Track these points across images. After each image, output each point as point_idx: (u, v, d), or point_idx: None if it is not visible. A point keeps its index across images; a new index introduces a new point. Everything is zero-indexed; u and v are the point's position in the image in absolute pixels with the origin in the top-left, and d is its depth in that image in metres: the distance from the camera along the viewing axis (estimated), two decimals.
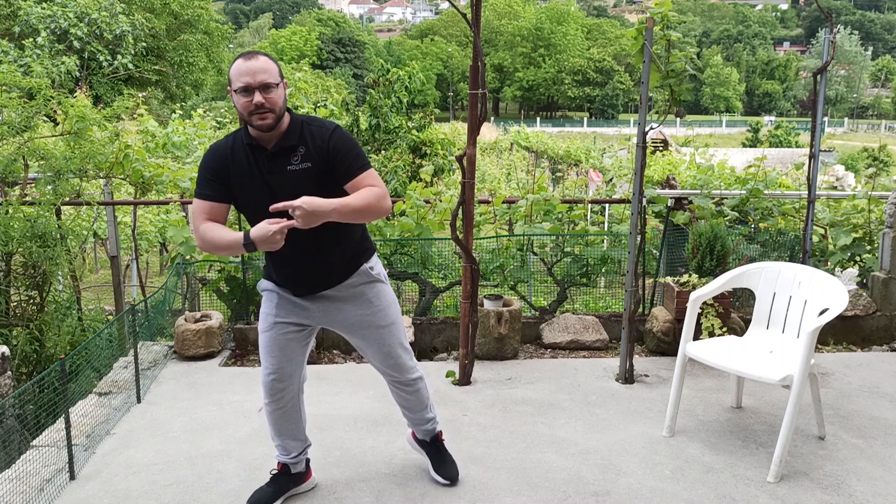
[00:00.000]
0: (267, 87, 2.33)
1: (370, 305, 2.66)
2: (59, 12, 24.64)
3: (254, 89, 2.31)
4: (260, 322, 2.70)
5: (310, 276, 2.59)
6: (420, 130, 9.23)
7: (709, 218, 5.27)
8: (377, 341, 2.71)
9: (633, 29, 3.85)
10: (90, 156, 5.46)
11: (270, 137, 2.43)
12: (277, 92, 2.35)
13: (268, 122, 2.35)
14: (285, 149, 2.42)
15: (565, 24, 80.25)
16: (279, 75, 2.39)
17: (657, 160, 13.35)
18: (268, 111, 2.34)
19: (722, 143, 38.93)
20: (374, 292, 2.67)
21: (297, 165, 2.42)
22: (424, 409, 2.91)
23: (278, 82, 2.36)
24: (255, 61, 2.34)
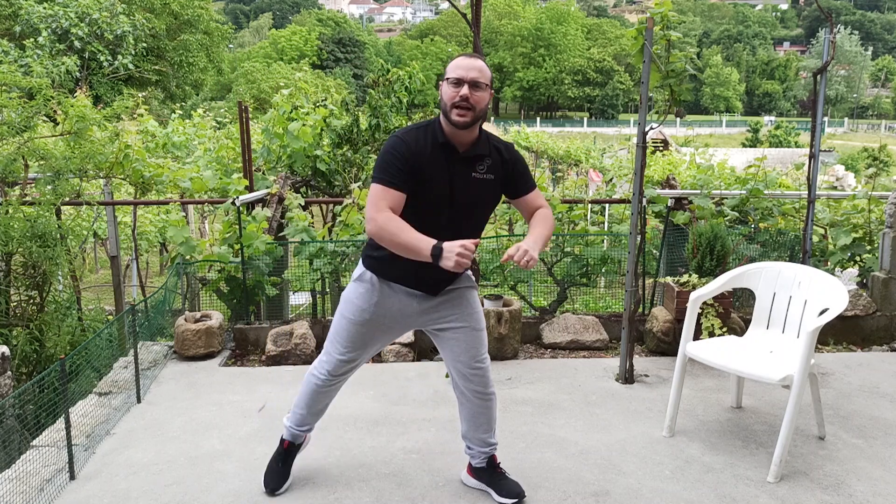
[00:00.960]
0: (476, 84, 2.40)
1: (470, 307, 2.71)
2: (60, 12, 24.65)
3: (464, 83, 2.38)
4: (348, 308, 2.66)
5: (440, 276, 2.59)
6: None
7: (709, 218, 5.27)
8: (472, 344, 2.70)
9: (633, 29, 3.85)
10: (90, 156, 5.46)
11: (464, 141, 2.48)
12: (483, 94, 2.42)
13: (465, 119, 2.40)
14: (476, 156, 2.50)
15: (565, 24, 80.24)
16: (490, 83, 2.47)
17: (657, 160, 13.35)
18: (469, 108, 2.40)
19: (722, 143, 38.95)
20: (472, 295, 2.74)
21: (482, 175, 2.50)
22: (491, 431, 2.85)
23: (487, 85, 2.44)
24: (475, 61, 2.44)
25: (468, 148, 2.49)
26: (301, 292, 5.89)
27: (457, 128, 2.43)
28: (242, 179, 5.87)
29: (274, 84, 37.00)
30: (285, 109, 7.94)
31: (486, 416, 2.80)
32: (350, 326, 2.68)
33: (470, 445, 2.88)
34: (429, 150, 2.46)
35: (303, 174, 8.02)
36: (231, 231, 5.25)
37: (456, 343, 2.70)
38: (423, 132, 2.50)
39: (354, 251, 5.19)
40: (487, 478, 2.88)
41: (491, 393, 2.78)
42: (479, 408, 2.78)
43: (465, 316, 2.69)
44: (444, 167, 2.47)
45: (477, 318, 2.72)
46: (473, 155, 2.50)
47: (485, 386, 2.75)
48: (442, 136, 2.47)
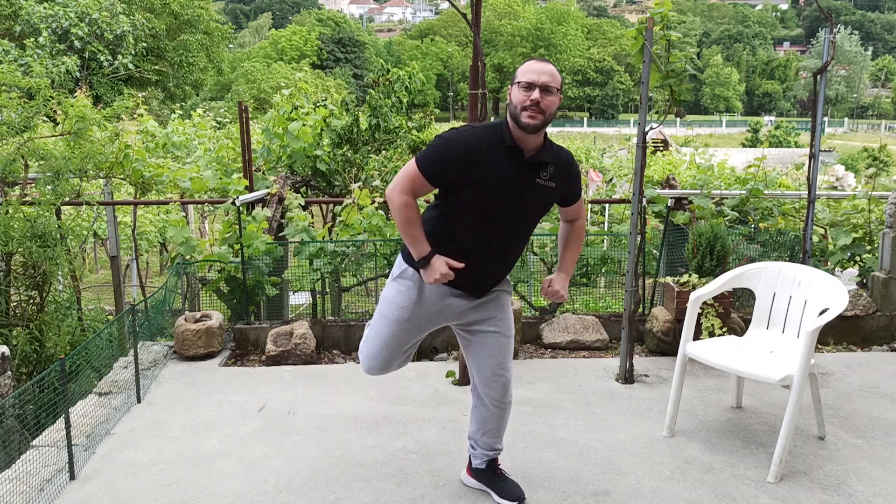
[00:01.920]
0: (547, 89, 2.40)
1: (503, 311, 2.70)
2: (60, 12, 24.66)
3: (536, 86, 2.38)
4: (388, 308, 2.65)
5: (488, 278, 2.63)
6: (420, 130, 9.23)
7: (709, 218, 5.27)
8: (500, 350, 2.68)
9: (633, 29, 3.85)
10: (90, 156, 5.46)
11: (530, 146, 2.47)
12: (553, 99, 2.42)
13: (535, 122, 2.39)
14: (541, 162, 2.49)
15: (565, 24, 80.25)
16: (560, 88, 2.47)
17: (657, 160, 13.35)
18: (539, 112, 2.39)
19: (722, 143, 38.94)
20: (506, 300, 2.73)
21: (545, 182, 2.50)
22: (499, 437, 2.85)
23: (558, 89, 2.44)
24: (547, 65, 2.44)
25: (534, 153, 2.48)
26: (301, 292, 5.90)
27: (526, 131, 2.41)
28: (242, 179, 5.87)
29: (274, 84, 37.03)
30: (285, 109, 7.94)
31: (498, 422, 2.79)
32: (390, 326, 2.65)
33: (474, 446, 2.87)
34: (493, 152, 2.44)
35: (303, 174, 8.03)
36: (231, 231, 5.25)
37: (484, 347, 2.68)
38: (489, 133, 2.47)
39: (354, 251, 5.19)
40: (487, 479, 2.88)
41: (508, 402, 2.76)
42: (493, 414, 2.76)
43: (499, 321, 2.68)
44: (508, 170, 2.45)
45: (509, 325, 2.71)
46: (538, 161, 2.49)
47: (503, 394, 2.73)
48: (510, 140, 2.44)
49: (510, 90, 2.46)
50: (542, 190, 2.51)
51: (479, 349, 2.68)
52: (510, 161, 2.44)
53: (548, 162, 2.49)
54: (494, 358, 2.67)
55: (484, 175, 2.41)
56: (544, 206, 2.58)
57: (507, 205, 2.45)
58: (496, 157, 2.43)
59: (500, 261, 2.61)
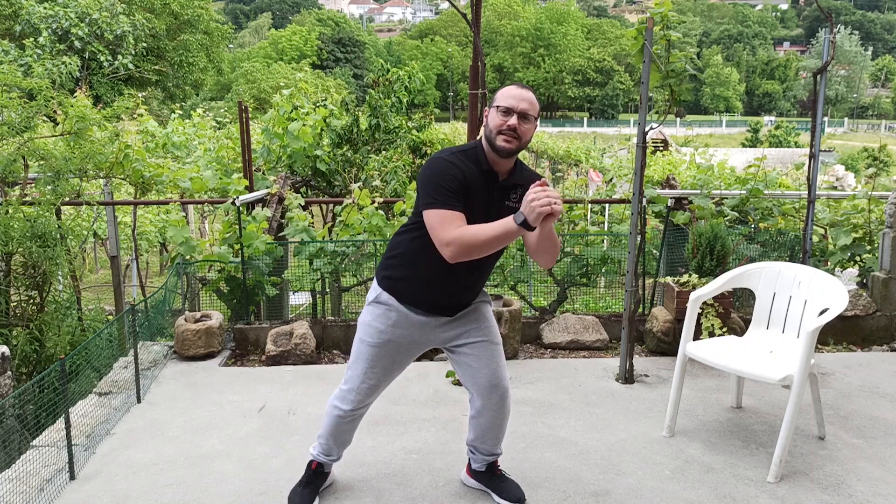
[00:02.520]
0: (525, 116, 2.40)
1: (486, 321, 2.69)
2: (60, 12, 24.66)
3: (514, 112, 2.38)
4: (366, 332, 2.62)
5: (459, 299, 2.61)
6: (420, 130, 9.24)
7: (709, 218, 5.27)
8: (490, 358, 2.66)
9: (633, 29, 3.85)
10: (90, 156, 5.46)
11: (503, 170, 2.48)
12: (529, 127, 2.42)
13: (510, 147, 2.39)
14: (511, 185, 2.50)
15: (565, 24, 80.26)
16: (537, 116, 2.47)
17: (657, 160, 13.34)
18: (515, 137, 2.39)
19: (722, 143, 38.95)
20: (487, 310, 2.73)
21: (514, 204, 2.50)
22: (499, 444, 2.84)
23: (536, 117, 2.44)
24: (526, 92, 2.44)
25: (507, 177, 2.49)
26: (301, 292, 5.90)
27: (500, 155, 2.41)
28: (242, 179, 5.87)
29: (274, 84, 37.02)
30: (285, 109, 7.94)
31: (497, 431, 2.78)
32: (370, 351, 2.62)
33: (473, 451, 2.87)
34: (473, 176, 2.44)
35: (303, 174, 8.03)
36: (231, 231, 5.25)
37: (473, 359, 2.66)
38: (468, 157, 2.45)
39: (354, 251, 5.19)
40: (487, 480, 2.88)
41: (507, 411, 2.74)
42: (492, 425, 2.74)
43: (482, 330, 2.66)
44: (485, 194, 2.46)
45: (494, 332, 2.70)
46: (511, 184, 2.50)
47: (502, 405, 2.70)
48: (486, 163, 2.45)
49: (486, 113, 2.46)
50: (510, 212, 2.44)
51: (470, 361, 2.66)
52: (487, 184, 2.47)
53: (518, 184, 2.50)
54: (488, 367, 2.64)
55: (471, 195, 2.42)
56: None
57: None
58: (475, 181, 2.44)
59: (470, 283, 2.60)
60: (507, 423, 2.80)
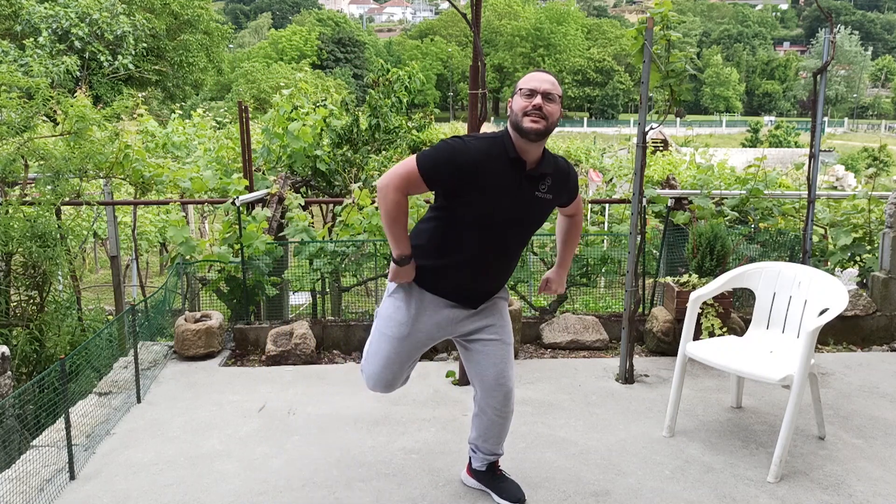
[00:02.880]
0: (549, 96, 2.40)
1: (502, 318, 2.69)
2: (60, 12, 24.66)
3: (537, 93, 2.39)
4: (386, 325, 2.63)
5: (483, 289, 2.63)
6: (420, 130, 9.24)
7: (709, 218, 5.27)
8: (500, 358, 2.66)
9: (633, 29, 3.85)
10: (90, 156, 5.46)
11: (532, 158, 2.45)
12: (554, 107, 2.41)
13: (538, 127, 2.37)
14: (542, 174, 2.49)
15: (565, 24, 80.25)
16: (561, 98, 2.47)
17: (657, 160, 13.35)
18: (542, 117, 2.38)
19: (722, 143, 38.93)
20: (504, 307, 2.72)
21: (544, 194, 2.51)
22: (501, 444, 2.84)
23: (559, 97, 2.44)
24: (547, 75, 2.47)
25: (535, 165, 2.47)
26: (301, 292, 5.90)
27: (528, 138, 2.38)
28: (242, 179, 5.87)
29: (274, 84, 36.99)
30: (285, 109, 7.94)
31: (499, 430, 2.77)
32: (390, 343, 2.62)
33: (475, 450, 2.87)
34: (497, 165, 2.41)
35: (303, 174, 8.03)
36: (231, 231, 5.25)
37: (484, 356, 2.65)
38: (493, 145, 2.44)
39: (354, 251, 5.19)
40: (487, 480, 2.88)
41: (510, 411, 2.73)
42: (494, 423, 2.73)
43: (498, 328, 2.66)
44: (510, 183, 2.43)
45: (508, 332, 2.70)
46: (541, 172, 2.48)
47: (505, 404, 2.69)
48: (513, 151, 2.42)
49: (510, 101, 2.45)
50: (540, 203, 2.51)
51: (480, 358, 2.66)
52: (512, 174, 2.43)
53: (547, 174, 2.49)
54: (496, 366, 2.64)
55: (487, 187, 2.39)
56: (541, 218, 2.58)
57: (508, 218, 2.46)
58: (499, 170, 2.41)
59: (496, 272, 2.61)
60: (510, 424, 2.80)
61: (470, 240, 2.46)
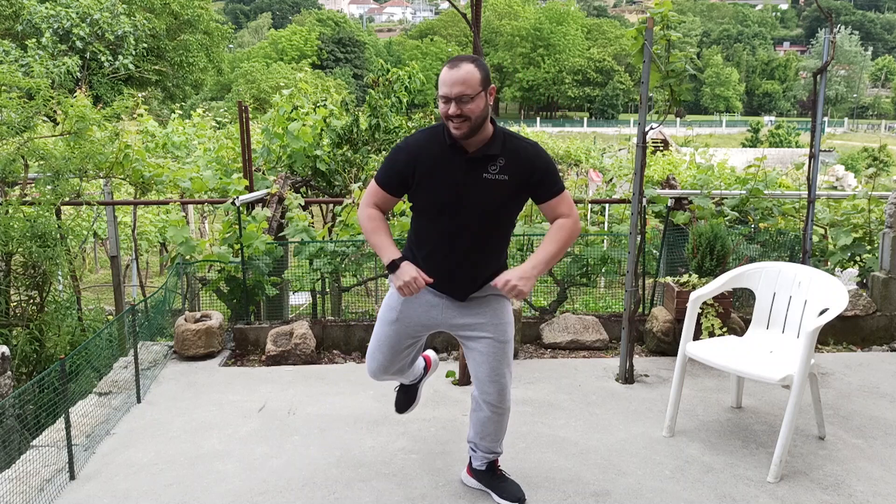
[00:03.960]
0: (462, 98, 2.34)
1: (495, 316, 2.66)
2: (62, 12, 24.67)
3: (451, 100, 2.35)
4: (382, 310, 2.75)
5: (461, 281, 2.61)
6: None
7: (709, 218, 5.27)
8: (493, 355, 2.66)
9: (633, 29, 3.85)
10: (90, 156, 5.46)
11: (473, 142, 2.45)
12: (475, 103, 2.35)
13: (461, 132, 2.38)
14: (487, 157, 2.46)
15: (565, 24, 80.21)
16: (480, 84, 2.37)
17: (657, 160, 13.35)
18: (463, 121, 2.37)
19: (722, 143, 38.95)
20: (500, 305, 2.68)
21: (494, 175, 2.46)
22: (498, 441, 2.84)
23: (476, 93, 2.36)
24: (457, 71, 2.35)
25: (478, 149, 2.45)
26: (301, 292, 5.90)
27: (457, 141, 2.42)
28: (242, 179, 5.87)
29: (274, 84, 37.04)
30: (285, 109, 7.94)
31: (496, 427, 2.77)
32: (381, 327, 2.73)
33: (474, 449, 2.87)
34: (436, 153, 2.45)
35: (303, 174, 8.03)
36: (231, 231, 5.25)
37: (478, 353, 2.67)
38: (432, 135, 2.49)
39: (354, 251, 5.19)
40: (487, 480, 2.88)
41: (505, 407, 2.73)
42: (489, 419, 2.74)
43: (492, 326, 2.65)
44: (453, 169, 2.45)
45: (503, 330, 2.66)
46: (485, 155, 2.45)
47: (500, 399, 2.70)
48: (450, 138, 2.44)
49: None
50: (493, 185, 2.46)
51: (474, 354, 2.68)
52: (453, 159, 2.45)
53: (496, 155, 2.45)
54: (488, 363, 2.65)
55: (428, 176, 2.47)
56: (500, 200, 2.49)
57: (455, 203, 2.47)
58: (440, 158, 2.46)
59: (471, 261, 2.58)
60: (507, 422, 2.80)
61: (434, 229, 2.53)
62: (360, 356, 4.66)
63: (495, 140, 2.47)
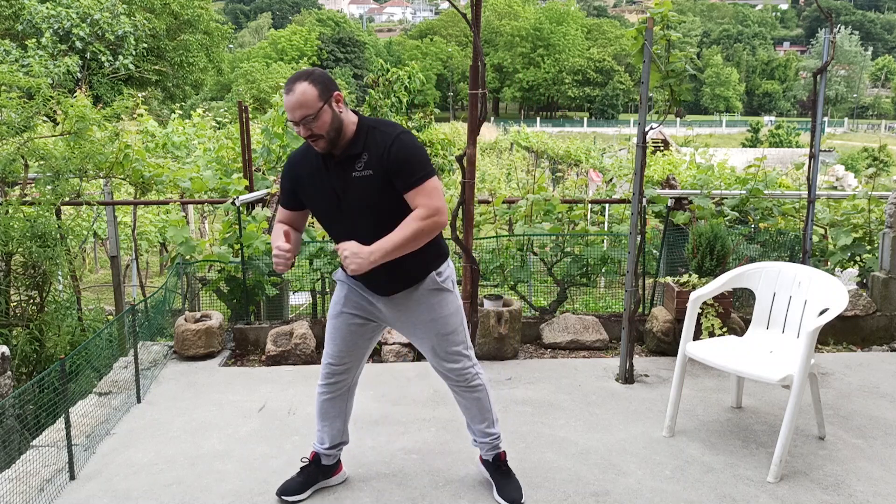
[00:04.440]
0: (305, 119, 2.37)
1: (433, 312, 2.67)
2: (62, 13, 24.68)
3: (297, 123, 2.39)
4: (329, 308, 2.82)
5: (376, 279, 2.61)
6: (420, 130, 9.24)
7: (709, 218, 5.27)
8: (438, 347, 2.70)
9: (633, 29, 3.85)
10: (90, 156, 5.46)
11: (338, 146, 2.48)
12: (321, 119, 2.37)
13: (320, 146, 2.45)
14: (351, 156, 2.48)
15: (565, 24, 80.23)
16: (319, 100, 2.37)
17: (657, 160, 13.36)
18: (317, 138, 2.42)
19: (722, 143, 38.96)
20: (437, 300, 2.67)
21: (361, 172, 2.46)
22: (486, 422, 2.85)
23: (318, 110, 2.36)
24: (292, 95, 2.37)
25: (342, 151, 2.48)
26: (301, 292, 5.89)
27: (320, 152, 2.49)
28: (242, 179, 5.87)
29: (274, 84, 37.03)
30: None
31: (472, 407, 2.82)
32: (329, 324, 2.80)
33: (474, 438, 2.91)
34: (311, 163, 2.56)
35: None
36: (231, 231, 5.25)
37: (426, 350, 2.76)
38: (307, 147, 2.58)
39: None
40: (492, 472, 2.92)
41: (474, 387, 2.77)
42: (466, 400, 2.82)
43: (430, 323, 2.66)
44: (327, 176, 2.52)
45: (442, 324, 2.67)
46: (349, 155, 2.47)
47: (461, 380, 2.76)
48: None
49: None
50: (362, 181, 2.45)
51: (423, 349, 2.76)
52: (326, 166, 2.51)
53: (359, 152, 2.46)
54: (436, 357, 2.73)
55: (309, 188, 2.58)
56: (372, 195, 2.45)
57: (336, 208, 2.53)
58: (314, 166, 2.55)
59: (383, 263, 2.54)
60: (488, 400, 2.83)
61: (333, 235, 2.63)
62: None
63: (358, 137, 2.47)
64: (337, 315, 2.77)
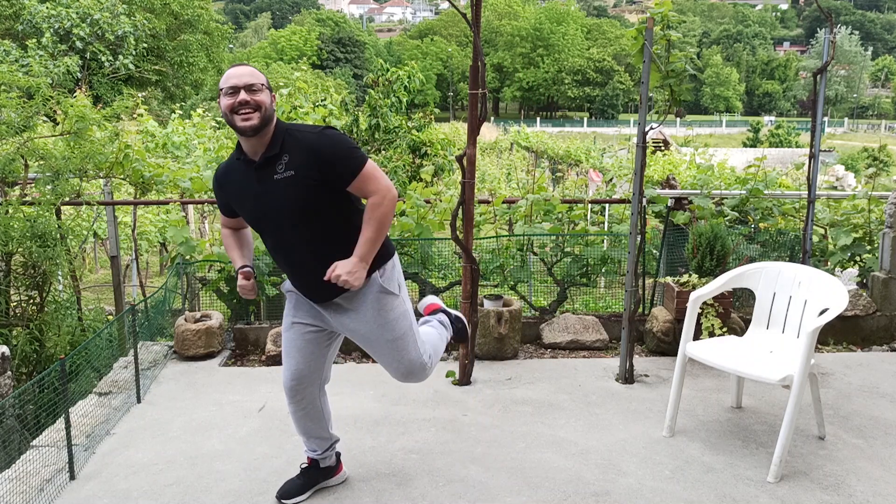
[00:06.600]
0: (251, 87, 2.40)
1: (378, 317, 2.58)
2: (62, 13, 24.68)
3: (239, 89, 2.39)
4: (283, 322, 2.78)
5: (313, 285, 2.57)
6: (420, 130, 9.23)
7: (709, 218, 5.27)
8: (389, 353, 2.64)
9: (633, 29, 3.85)
10: (90, 156, 5.45)
11: (257, 149, 2.46)
12: (263, 94, 2.42)
13: (252, 124, 2.38)
14: (270, 158, 2.44)
15: (565, 24, 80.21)
16: (266, 83, 2.47)
17: (657, 160, 13.36)
18: (252, 110, 2.38)
19: (722, 143, 38.97)
20: (382, 304, 2.58)
21: (282, 174, 2.42)
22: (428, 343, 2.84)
23: (264, 85, 2.44)
24: (244, 67, 2.45)
25: (262, 153, 2.45)
26: None
27: (246, 134, 2.41)
28: None
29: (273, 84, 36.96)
30: (284, 109, 7.94)
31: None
32: (283, 338, 2.76)
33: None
34: (234, 171, 2.56)
35: None
36: None
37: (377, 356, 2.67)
38: (230, 159, 2.59)
39: None
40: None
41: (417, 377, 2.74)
42: None
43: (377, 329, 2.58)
44: (249, 182, 2.49)
45: (390, 329, 2.58)
46: (268, 158, 2.43)
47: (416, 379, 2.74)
48: (239, 153, 2.51)
49: (219, 102, 2.48)
50: (285, 183, 2.41)
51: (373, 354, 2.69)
52: (247, 173, 2.50)
53: (278, 154, 2.43)
54: (387, 361, 2.67)
55: (235, 197, 2.59)
56: (296, 197, 2.41)
57: (261, 213, 2.51)
58: (237, 174, 2.55)
59: (310, 266, 2.51)
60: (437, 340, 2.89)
61: (266, 241, 2.62)
62: (359, 356, 4.65)
63: (276, 139, 2.45)
64: (289, 327, 2.71)
